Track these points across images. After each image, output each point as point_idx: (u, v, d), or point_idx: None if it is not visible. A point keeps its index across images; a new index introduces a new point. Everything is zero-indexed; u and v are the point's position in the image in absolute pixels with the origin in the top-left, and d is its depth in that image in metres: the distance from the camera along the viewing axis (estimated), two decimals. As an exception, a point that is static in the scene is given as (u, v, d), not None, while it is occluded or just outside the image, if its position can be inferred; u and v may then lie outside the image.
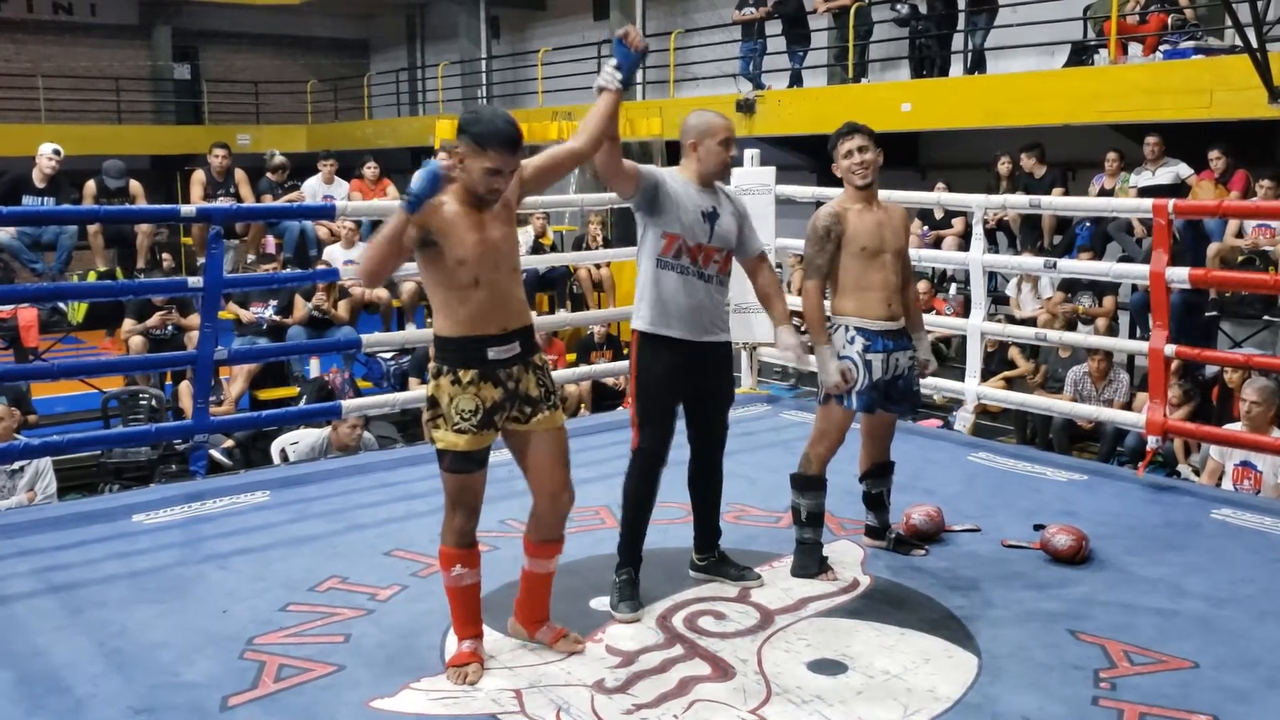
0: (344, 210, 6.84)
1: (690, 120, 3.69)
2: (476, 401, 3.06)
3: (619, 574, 3.66)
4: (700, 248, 3.61)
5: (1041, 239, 9.68)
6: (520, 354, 3.11)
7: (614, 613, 3.58)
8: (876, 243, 3.88)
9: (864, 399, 3.89)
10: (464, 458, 3.09)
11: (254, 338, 8.05)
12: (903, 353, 3.95)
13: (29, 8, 21.17)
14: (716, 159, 3.66)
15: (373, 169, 10.72)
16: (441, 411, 3.08)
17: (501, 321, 3.07)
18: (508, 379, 3.10)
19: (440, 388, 3.08)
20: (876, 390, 3.90)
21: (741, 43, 13.42)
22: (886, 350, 3.89)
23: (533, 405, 3.15)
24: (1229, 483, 5.72)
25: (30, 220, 8.41)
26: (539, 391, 3.16)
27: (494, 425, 3.11)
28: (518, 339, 3.11)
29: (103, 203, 9.11)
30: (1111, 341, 7.17)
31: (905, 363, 3.95)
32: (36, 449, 5.24)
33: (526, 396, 3.14)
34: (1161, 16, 9.72)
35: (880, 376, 3.89)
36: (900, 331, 3.95)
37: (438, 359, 3.12)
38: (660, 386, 3.62)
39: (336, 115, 22.50)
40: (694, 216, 3.60)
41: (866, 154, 3.86)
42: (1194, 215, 7.22)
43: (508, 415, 3.13)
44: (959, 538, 4.31)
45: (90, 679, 3.17)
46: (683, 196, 3.61)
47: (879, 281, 3.88)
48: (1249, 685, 3.14)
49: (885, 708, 3.01)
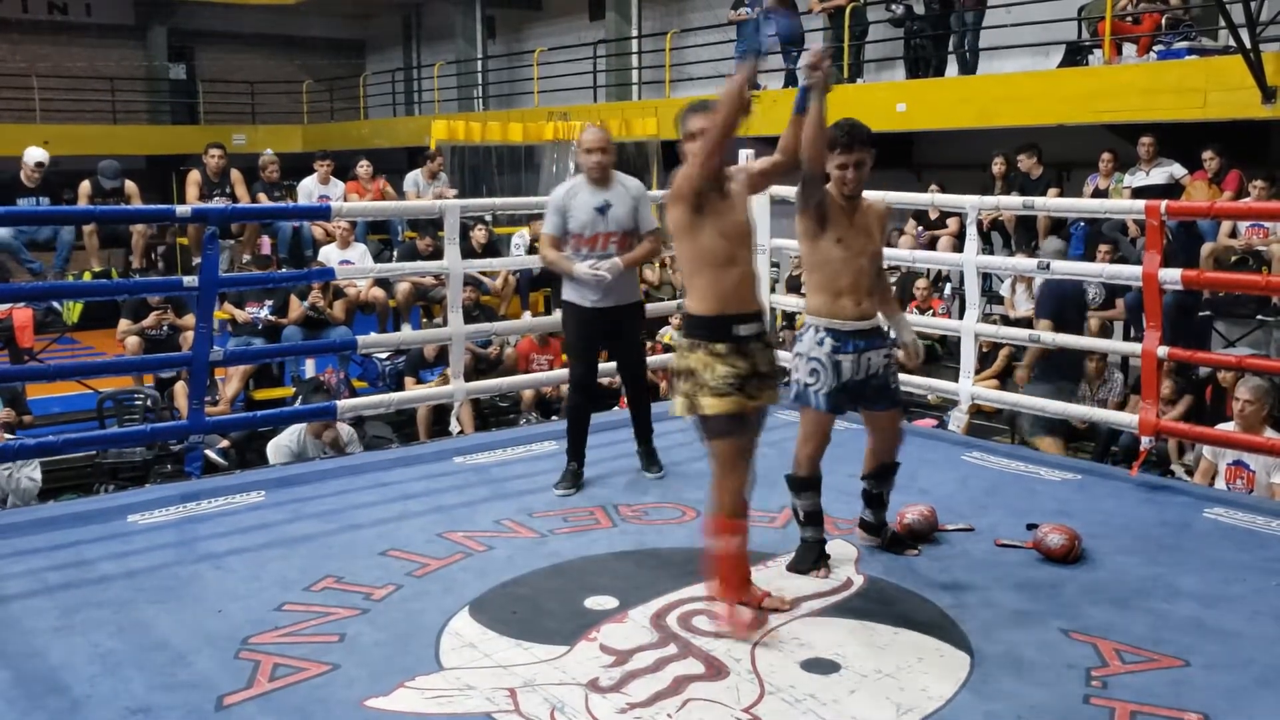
0: (339, 211, 6.86)
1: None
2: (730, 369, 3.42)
3: (568, 464, 4.97)
4: (596, 236, 4.82)
5: (1036, 239, 9.69)
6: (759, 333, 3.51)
7: (554, 489, 4.85)
8: (849, 243, 3.84)
9: (830, 400, 3.87)
10: (731, 419, 3.43)
11: (249, 338, 8.05)
12: (875, 352, 3.89)
13: (24, 7, 21.15)
14: (584, 163, 4.88)
15: (366, 168, 10.72)
16: (704, 380, 3.41)
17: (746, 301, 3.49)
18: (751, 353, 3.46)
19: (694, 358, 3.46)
20: (844, 392, 3.87)
21: (737, 43, 13.42)
22: (857, 350, 3.86)
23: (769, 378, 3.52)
24: (1222, 482, 5.74)
25: (27, 220, 8.42)
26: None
27: (746, 392, 3.44)
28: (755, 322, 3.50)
29: (98, 203, 9.11)
30: (1105, 343, 7.19)
31: (879, 361, 3.90)
32: (32, 449, 5.24)
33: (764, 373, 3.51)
34: (1155, 16, 9.75)
35: (850, 377, 3.85)
36: (873, 331, 3.91)
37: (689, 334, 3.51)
38: (576, 335, 5.02)
39: (332, 115, 22.50)
40: (587, 214, 4.81)
41: (862, 170, 3.82)
42: (1186, 217, 7.24)
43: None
44: (952, 537, 4.32)
45: (86, 679, 3.17)
46: (573, 203, 4.83)
47: (849, 284, 3.84)
48: (1240, 684, 3.15)
49: (878, 706, 3.02)
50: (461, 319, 6.09)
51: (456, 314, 6.05)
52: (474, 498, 4.87)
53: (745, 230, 3.51)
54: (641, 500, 4.81)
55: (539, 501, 4.74)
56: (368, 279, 8.89)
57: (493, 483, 5.11)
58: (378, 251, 10.70)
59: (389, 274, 8.22)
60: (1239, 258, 8.32)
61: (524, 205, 7.68)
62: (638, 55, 16.48)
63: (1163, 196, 6.94)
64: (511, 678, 3.18)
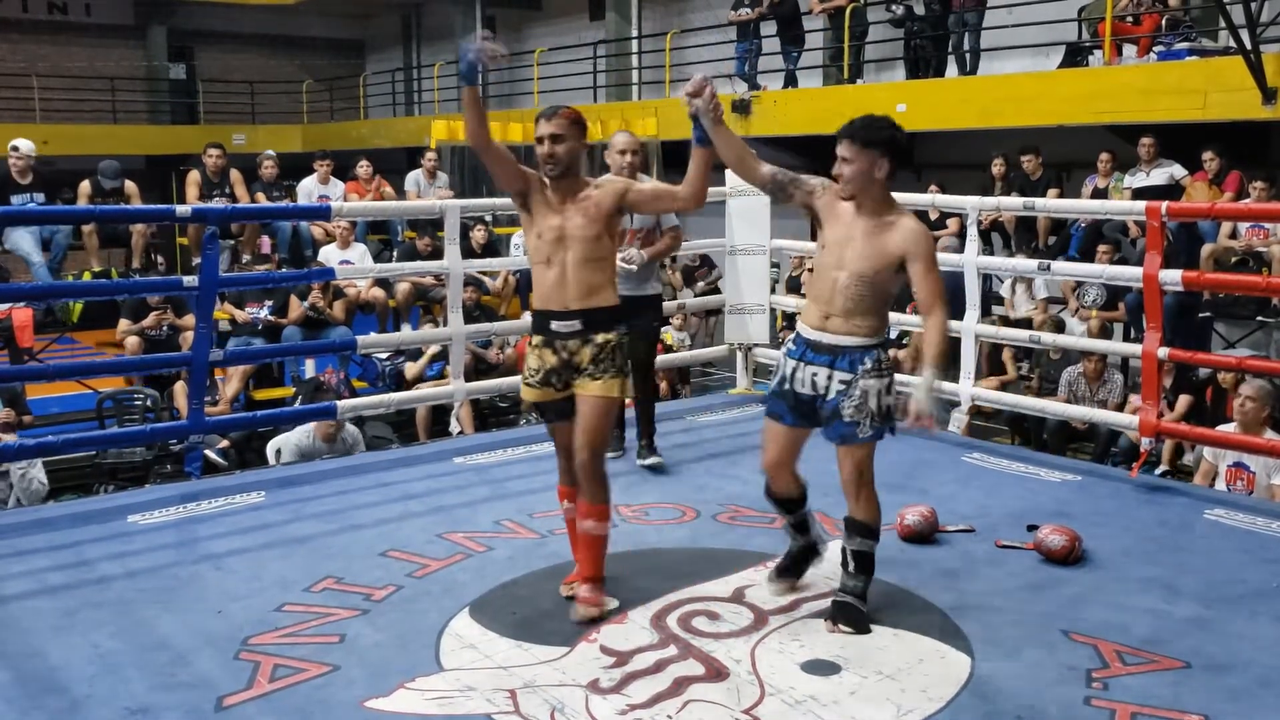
0: (339, 211, 6.85)
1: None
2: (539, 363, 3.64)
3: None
4: (623, 231, 4.85)
5: (1036, 240, 9.70)
6: (581, 330, 3.58)
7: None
8: (834, 252, 3.46)
9: (769, 402, 3.62)
10: (534, 407, 3.85)
11: (249, 338, 8.05)
12: (825, 370, 3.44)
13: (23, 7, 21.12)
14: (617, 164, 5.03)
15: (366, 168, 10.72)
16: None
17: (562, 300, 3.58)
18: (562, 349, 3.59)
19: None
20: (783, 399, 3.55)
21: (737, 43, 13.43)
22: (801, 359, 3.50)
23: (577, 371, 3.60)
24: (1222, 483, 5.74)
25: (29, 220, 8.41)
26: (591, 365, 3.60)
27: (552, 385, 3.62)
28: (579, 317, 3.57)
29: (98, 203, 9.10)
30: (1105, 345, 7.19)
31: (829, 385, 3.43)
32: (32, 450, 5.24)
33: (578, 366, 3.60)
34: (1156, 17, 9.75)
35: (794, 387, 3.51)
36: (834, 348, 3.43)
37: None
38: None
39: (332, 115, 22.48)
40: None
41: (847, 166, 3.39)
42: (1187, 218, 7.25)
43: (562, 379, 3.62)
44: (953, 538, 4.32)
45: (86, 679, 3.17)
46: None
47: (820, 293, 3.47)
48: (1241, 685, 3.15)
49: (879, 708, 3.02)
50: (462, 319, 6.09)
51: (457, 314, 6.05)
52: (474, 498, 4.87)
53: (561, 235, 3.56)
54: (641, 500, 4.81)
55: (539, 502, 4.73)
56: (368, 279, 8.88)
57: (493, 483, 5.11)
58: (378, 252, 10.70)
59: (389, 274, 8.22)
60: (1239, 259, 8.32)
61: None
62: (638, 55, 16.48)
63: (1163, 197, 6.93)
64: (512, 679, 3.17)
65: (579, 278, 3.56)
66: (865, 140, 3.37)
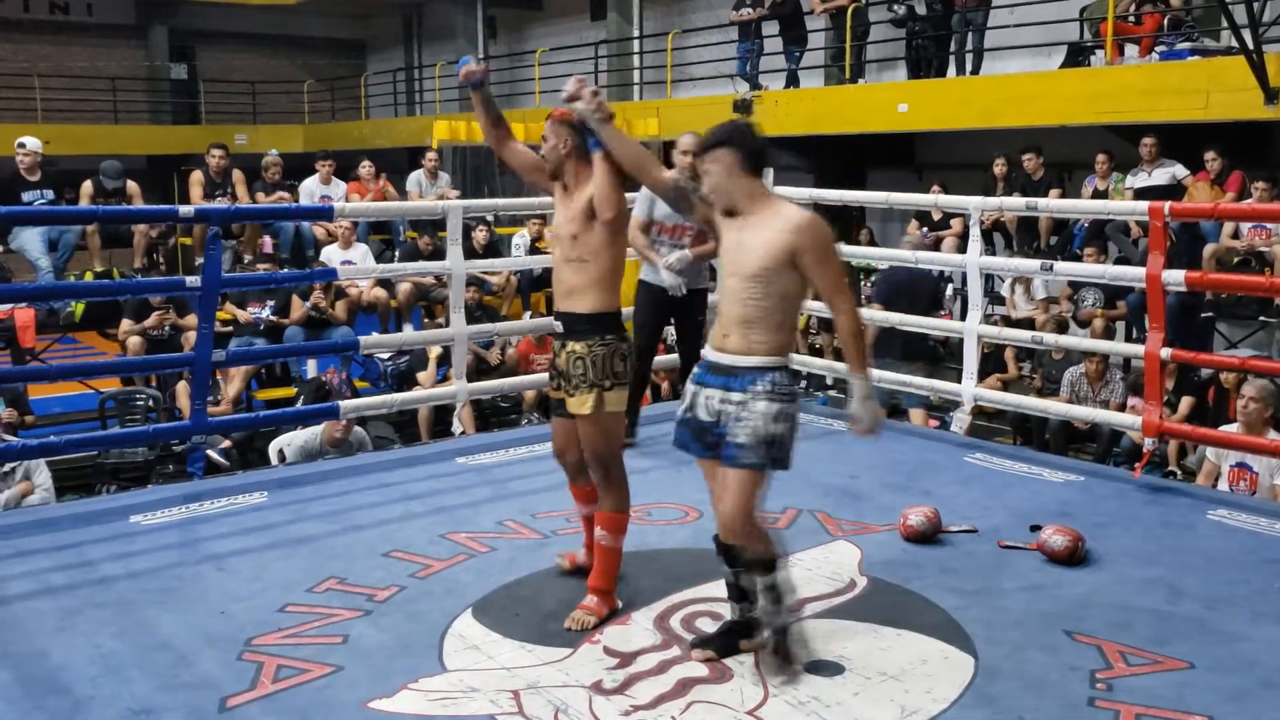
0: (342, 211, 6.85)
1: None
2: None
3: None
4: (676, 227, 5.43)
5: (1038, 240, 9.70)
6: (561, 334, 3.60)
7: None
8: (728, 260, 3.21)
9: (676, 430, 3.33)
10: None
11: (251, 338, 8.05)
12: (720, 393, 3.17)
13: (25, 7, 21.14)
14: (680, 163, 5.20)
15: (368, 168, 10.71)
16: None
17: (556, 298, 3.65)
18: (560, 349, 3.61)
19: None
20: (686, 426, 3.27)
21: (738, 43, 13.42)
22: (699, 382, 3.25)
23: (565, 379, 3.59)
24: (1225, 484, 5.74)
25: (33, 220, 8.40)
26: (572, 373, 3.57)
27: (555, 383, 3.65)
28: (560, 319, 3.61)
29: (100, 203, 9.10)
30: (1107, 345, 7.18)
31: (724, 408, 3.16)
32: (34, 449, 5.24)
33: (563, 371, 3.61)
34: (1157, 17, 9.74)
35: (689, 413, 3.25)
36: (730, 369, 3.16)
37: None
38: (647, 311, 5.62)
39: (333, 115, 22.50)
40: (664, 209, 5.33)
41: (708, 177, 3.20)
42: (1190, 218, 7.24)
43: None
44: (956, 539, 4.32)
45: (89, 680, 3.17)
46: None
47: (724, 310, 3.20)
48: (1244, 686, 3.15)
49: (882, 709, 3.02)
50: (464, 319, 6.09)
51: (459, 314, 6.05)
52: (476, 498, 4.87)
53: (557, 233, 3.62)
54: (644, 501, 4.80)
55: (541, 502, 4.73)
56: (369, 279, 8.88)
57: (495, 483, 5.11)
58: (379, 252, 10.70)
59: (391, 274, 8.21)
60: (1241, 259, 8.32)
61: (525, 206, 7.67)
62: (639, 56, 16.48)
63: (1165, 197, 6.92)
64: (515, 680, 3.17)
65: (559, 277, 3.62)
66: (709, 144, 3.19)
